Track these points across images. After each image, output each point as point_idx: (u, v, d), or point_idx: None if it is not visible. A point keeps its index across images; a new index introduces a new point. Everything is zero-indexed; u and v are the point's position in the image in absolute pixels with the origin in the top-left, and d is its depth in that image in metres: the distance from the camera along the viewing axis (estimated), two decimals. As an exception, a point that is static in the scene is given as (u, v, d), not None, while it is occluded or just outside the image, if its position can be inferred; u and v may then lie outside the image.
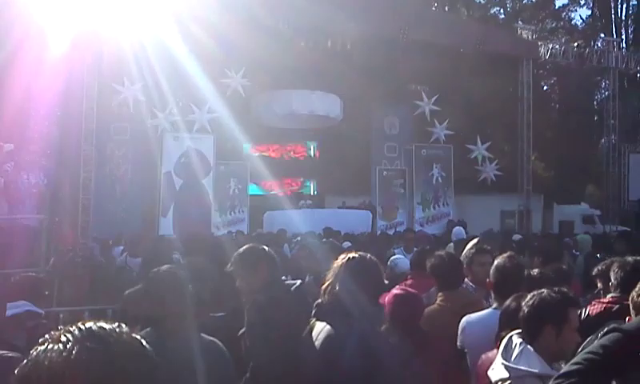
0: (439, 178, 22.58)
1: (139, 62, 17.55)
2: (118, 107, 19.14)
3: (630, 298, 2.60)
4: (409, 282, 4.76)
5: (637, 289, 2.57)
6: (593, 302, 3.69)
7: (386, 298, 3.38)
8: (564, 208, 24.87)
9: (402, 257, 6.25)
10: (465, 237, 12.07)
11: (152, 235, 15.97)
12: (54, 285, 6.26)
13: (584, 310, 3.55)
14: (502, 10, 38.45)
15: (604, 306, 3.55)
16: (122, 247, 11.07)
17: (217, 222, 19.41)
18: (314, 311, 2.96)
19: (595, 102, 33.82)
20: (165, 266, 3.10)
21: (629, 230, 20.66)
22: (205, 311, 3.27)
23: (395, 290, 3.55)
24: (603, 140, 26.65)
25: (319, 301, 2.96)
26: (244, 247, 3.59)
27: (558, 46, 24.95)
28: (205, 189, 19.58)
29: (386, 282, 3.26)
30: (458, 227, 14.13)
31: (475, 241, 5.36)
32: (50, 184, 16.59)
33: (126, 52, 17.34)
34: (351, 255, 2.97)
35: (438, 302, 3.99)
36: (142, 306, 3.06)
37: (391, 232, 20.06)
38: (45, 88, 14.92)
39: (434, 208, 22.38)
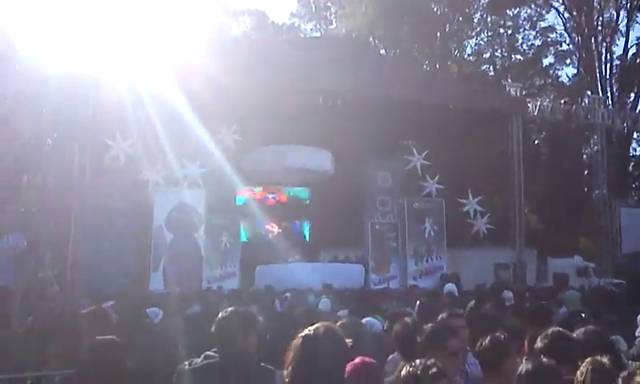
0: (431, 232, 22.57)
1: (131, 117, 17.75)
2: (110, 161, 19.19)
3: None
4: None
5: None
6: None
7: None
8: (558, 261, 24.79)
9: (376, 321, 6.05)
10: (456, 293, 12.01)
11: (140, 292, 15.96)
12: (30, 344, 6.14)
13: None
14: (491, 68, 39.31)
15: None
16: (111, 302, 10.92)
17: (208, 277, 19.20)
18: None
19: (585, 156, 34.23)
20: None
21: (623, 282, 20.65)
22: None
23: (356, 360, 3.38)
24: (594, 193, 26.82)
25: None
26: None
27: (546, 103, 25.43)
28: (196, 243, 19.47)
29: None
30: (449, 284, 14.02)
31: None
32: (30, 244, 16.45)
33: (118, 107, 17.56)
34: (305, 334, 2.81)
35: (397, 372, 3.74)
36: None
37: (384, 285, 20.01)
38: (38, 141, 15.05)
39: (427, 261, 22.28)
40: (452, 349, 3.53)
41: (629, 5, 35.32)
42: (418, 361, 2.73)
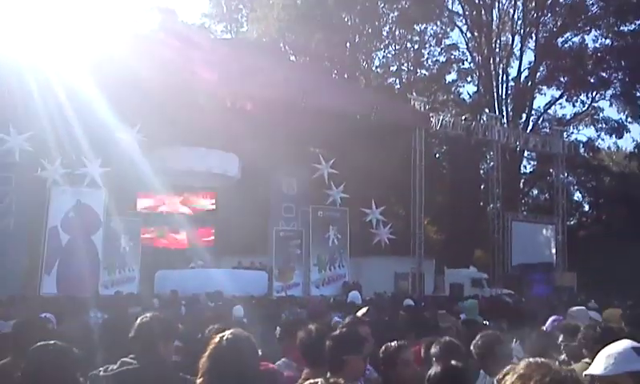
0: (335, 240, 22.86)
1: (29, 110, 16.78)
2: (3, 156, 18.03)
3: None
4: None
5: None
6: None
7: None
8: (454, 271, 25.87)
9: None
10: (360, 301, 12.22)
11: (30, 295, 15.04)
12: None
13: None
14: (397, 81, 40.45)
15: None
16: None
17: (105, 281, 18.49)
18: None
19: (482, 171, 35.98)
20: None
21: (512, 292, 21.87)
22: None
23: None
24: (489, 207, 28.25)
25: None
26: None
27: (448, 118, 26.52)
28: (93, 245, 18.68)
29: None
30: (354, 292, 14.21)
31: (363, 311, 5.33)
32: None
33: (14, 98, 16.55)
34: (219, 338, 2.77)
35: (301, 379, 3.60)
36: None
37: (288, 293, 20.02)
38: None
39: (330, 269, 22.54)
40: (366, 352, 3.66)
41: (522, 31, 37.61)
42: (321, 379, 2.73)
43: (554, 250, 27.54)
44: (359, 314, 5.66)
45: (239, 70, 19.56)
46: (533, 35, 37.69)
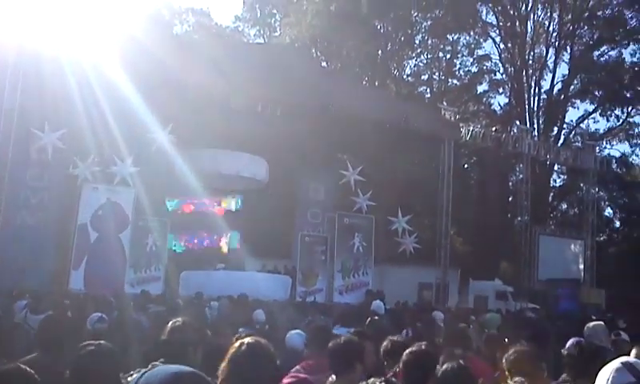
0: (360, 248, 22.85)
1: (64, 107, 17.13)
2: (37, 153, 18.44)
3: None
4: (309, 362, 4.34)
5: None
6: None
7: None
8: (479, 283, 25.66)
9: (298, 333, 5.81)
10: (383, 311, 12.18)
11: (60, 290, 15.33)
12: None
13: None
14: (428, 90, 40.31)
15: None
16: (25, 301, 10.47)
17: (131, 279, 18.75)
18: None
19: (510, 184, 35.60)
20: None
21: (537, 307, 21.62)
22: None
23: (286, 379, 3.35)
24: (517, 220, 27.92)
25: None
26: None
27: (478, 129, 26.30)
28: (120, 243, 18.96)
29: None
30: (377, 301, 14.19)
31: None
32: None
33: (48, 97, 16.91)
34: (239, 344, 2.80)
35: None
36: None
37: (311, 298, 20.08)
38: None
39: (354, 277, 22.53)
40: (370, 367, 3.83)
41: (557, 43, 37.12)
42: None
43: (581, 266, 27.09)
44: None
45: (271, 75, 19.68)
46: (568, 48, 37.18)
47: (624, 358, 2.29)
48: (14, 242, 17.44)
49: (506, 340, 7.66)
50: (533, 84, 37.46)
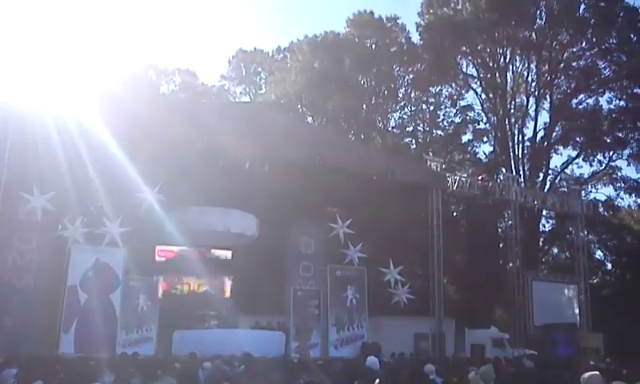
0: (353, 300, 22.62)
1: (52, 170, 17.11)
2: (26, 215, 18.29)
3: None
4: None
5: None
6: None
7: None
8: (475, 332, 25.42)
9: None
10: (378, 367, 11.94)
11: (50, 355, 14.99)
12: None
13: None
14: (413, 141, 40.83)
15: None
16: (14, 370, 10.17)
17: (122, 340, 18.33)
18: None
19: (500, 230, 35.72)
20: None
21: (534, 353, 21.44)
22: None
23: None
24: (508, 266, 27.93)
25: None
26: None
27: (464, 177, 26.57)
28: (111, 304, 18.60)
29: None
30: (371, 357, 13.91)
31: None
32: None
33: (38, 158, 16.90)
34: None
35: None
36: None
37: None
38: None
39: (349, 330, 22.20)
40: None
41: (536, 92, 38.01)
42: None
43: (577, 310, 27.02)
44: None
45: (258, 131, 19.87)
46: (547, 97, 38.08)
47: None
48: (2, 304, 17.13)
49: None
50: (516, 132, 38.20)
